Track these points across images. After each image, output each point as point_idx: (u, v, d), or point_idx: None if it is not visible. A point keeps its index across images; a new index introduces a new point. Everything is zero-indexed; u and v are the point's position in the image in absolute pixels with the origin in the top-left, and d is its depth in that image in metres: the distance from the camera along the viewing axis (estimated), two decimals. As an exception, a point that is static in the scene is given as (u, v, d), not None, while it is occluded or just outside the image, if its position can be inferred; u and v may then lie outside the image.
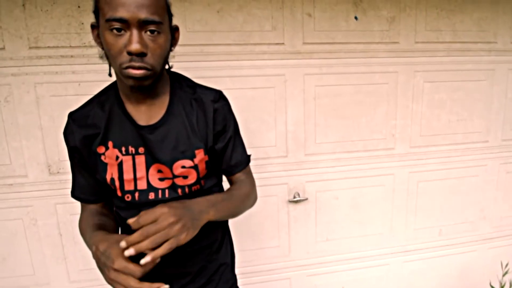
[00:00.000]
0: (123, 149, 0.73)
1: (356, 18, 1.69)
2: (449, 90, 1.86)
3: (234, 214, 0.80)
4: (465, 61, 1.84)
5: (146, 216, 0.58)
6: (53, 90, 1.50)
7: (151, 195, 0.74)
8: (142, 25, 0.60)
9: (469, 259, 2.12)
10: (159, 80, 0.73)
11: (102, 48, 0.68)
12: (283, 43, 1.64)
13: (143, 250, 0.57)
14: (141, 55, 0.61)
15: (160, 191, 0.75)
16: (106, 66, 1.59)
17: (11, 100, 1.49)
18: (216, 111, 0.76)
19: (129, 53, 0.61)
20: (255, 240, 1.81)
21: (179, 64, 1.00)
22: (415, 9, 1.74)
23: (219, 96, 0.78)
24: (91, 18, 0.66)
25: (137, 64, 0.62)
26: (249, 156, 0.87)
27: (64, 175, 1.57)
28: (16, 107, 1.49)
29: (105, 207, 0.85)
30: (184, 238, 0.59)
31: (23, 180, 1.55)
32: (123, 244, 0.58)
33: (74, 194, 0.82)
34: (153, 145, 0.73)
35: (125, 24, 0.59)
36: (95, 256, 0.63)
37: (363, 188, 1.87)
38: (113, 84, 0.79)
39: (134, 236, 0.57)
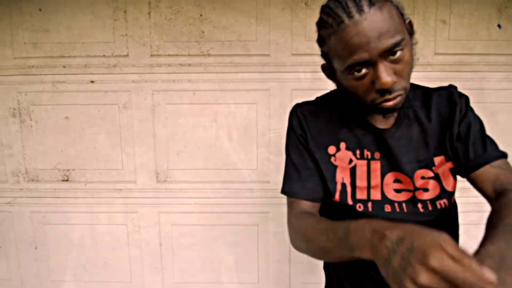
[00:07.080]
0: (358, 152, 0.65)
1: (499, 26, 1.45)
2: None
3: None
4: None
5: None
6: (168, 98, 1.49)
7: (387, 208, 0.65)
8: (385, 53, 0.51)
9: None
10: None
11: (338, 85, 0.64)
12: (411, 54, 1.46)
13: None
14: (392, 85, 0.54)
15: (396, 204, 0.65)
16: (222, 75, 1.50)
17: (129, 106, 1.50)
18: (461, 101, 0.65)
19: (380, 91, 0.54)
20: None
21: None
22: None
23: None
24: (212, 26, 0.58)
25: (391, 96, 0.55)
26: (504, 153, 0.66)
27: (171, 184, 1.54)
28: (133, 114, 1.50)
29: (317, 211, 0.66)
30: None
31: (132, 186, 1.56)
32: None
33: (292, 189, 0.65)
34: (393, 151, 0.64)
35: (367, 63, 0.52)
36: (381, 250, 0.40)
37: None
38: (334, 93, 0.71)
39: None
